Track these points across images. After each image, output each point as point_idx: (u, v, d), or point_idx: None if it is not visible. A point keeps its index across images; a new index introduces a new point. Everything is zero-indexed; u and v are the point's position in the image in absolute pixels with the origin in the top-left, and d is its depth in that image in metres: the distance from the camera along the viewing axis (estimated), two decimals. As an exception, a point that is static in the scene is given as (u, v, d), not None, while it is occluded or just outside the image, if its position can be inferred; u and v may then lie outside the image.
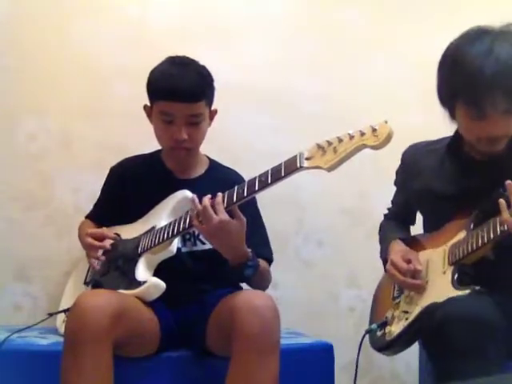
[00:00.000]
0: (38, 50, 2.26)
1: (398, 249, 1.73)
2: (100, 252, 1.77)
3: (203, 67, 1.82)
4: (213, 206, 1.57)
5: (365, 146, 1.38)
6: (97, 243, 1.77)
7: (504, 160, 1.60)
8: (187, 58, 1.83)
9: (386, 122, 1.37)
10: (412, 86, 2.39)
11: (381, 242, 1.88)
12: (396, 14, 2.51)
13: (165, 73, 1.78)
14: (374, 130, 1.36)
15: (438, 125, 1.65)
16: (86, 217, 2.02)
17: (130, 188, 1.89)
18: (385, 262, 1.78)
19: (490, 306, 1.42)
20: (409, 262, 1.64)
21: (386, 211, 1.97)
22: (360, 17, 2.48)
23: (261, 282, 1.76)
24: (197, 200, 1.61)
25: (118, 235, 1.82)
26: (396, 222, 1.91)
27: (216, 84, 1.85)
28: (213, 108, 1.86)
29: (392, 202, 1.94)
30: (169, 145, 1.82)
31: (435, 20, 2.50)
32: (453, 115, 1.60)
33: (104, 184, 1.99)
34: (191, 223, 1.62)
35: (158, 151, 1.94)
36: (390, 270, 1.67)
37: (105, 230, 1.82)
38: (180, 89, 1.73)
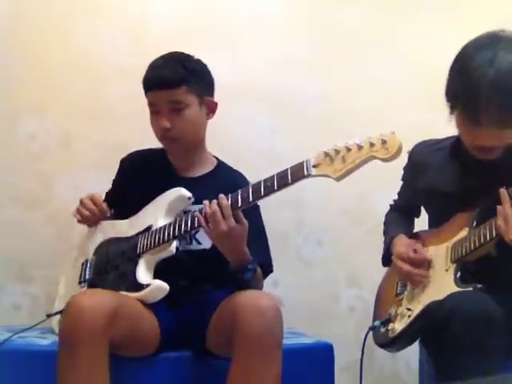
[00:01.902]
0: (38, 50, 2.26)
1: (402, 242, 1.75)
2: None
3: (191, 57, 1.82)
4: (220, 209, 1.56)
5: (374, 158, 1.37)
6: (94, 207, 1.84)
7: (506, 160, 1.60)
8: (181, 52, 1.83)
9: (393, 133, 1.35)
10: (412, 86, 2.39)
11: (384, 234, 1.90)
12: (396, 14, 2.51)
13: (151, 66, 1.81)
14: (384, 142, 1.34)
15: (439, 125, 1.65)
16: None
17: (133, 181, 1.89)
18: (385, 254, 1.80)
19: (492, 301, 1.43)
20: (415, 252, 1.66)
21: (392, 202, 1.99)
22: (360, 17, 2.48)
23: (255, 287, 1.73)
24: (207, 203, 1.59)
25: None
26: (401, 214, 1.93)
27: (216, 84, 1.85)
28: (212, 100, 1.85)
29: (398, 194, 1.96)
30: (158, 136, 1.82)
31: (435, 20, 2.49)
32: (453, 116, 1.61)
33: (115, 175, 1.99)
34: (194, 226, 1.61)
35: None
36: (395, 262, 1.69)
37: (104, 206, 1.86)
38: (158, 77, 1.76)
